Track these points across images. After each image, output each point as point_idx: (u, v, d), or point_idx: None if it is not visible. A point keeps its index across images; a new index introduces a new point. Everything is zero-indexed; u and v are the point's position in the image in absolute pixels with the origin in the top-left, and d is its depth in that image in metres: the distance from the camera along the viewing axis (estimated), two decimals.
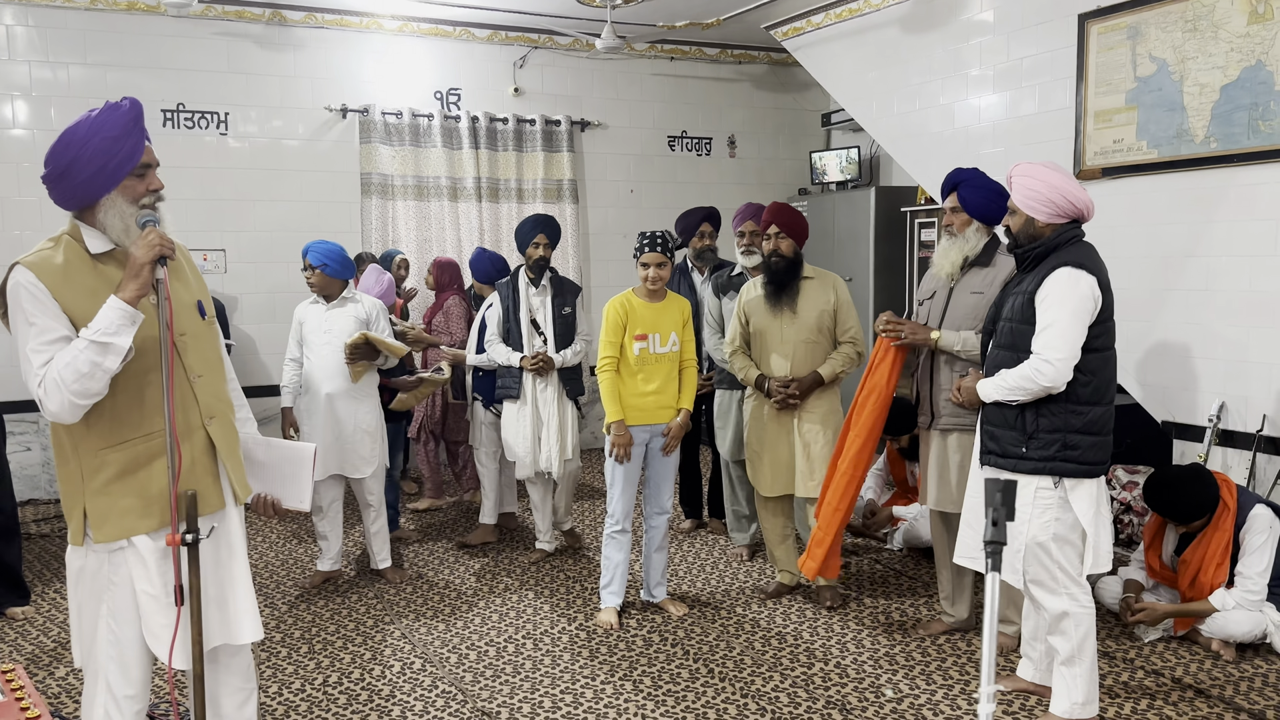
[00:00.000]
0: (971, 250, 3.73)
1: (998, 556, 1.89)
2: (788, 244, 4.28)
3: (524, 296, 4.93)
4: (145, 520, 2.26)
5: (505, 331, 4.97)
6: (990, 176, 3.79)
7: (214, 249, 6.61)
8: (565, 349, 4.92)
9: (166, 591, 2.28)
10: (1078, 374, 3.06)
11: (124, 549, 2.27)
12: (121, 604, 2.28)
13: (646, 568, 4.37)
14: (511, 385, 4.92)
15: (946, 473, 3.80)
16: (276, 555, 5.21)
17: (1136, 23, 4.80)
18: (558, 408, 4.90)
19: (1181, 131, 4.65)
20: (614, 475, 4.20)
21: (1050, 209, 3.13)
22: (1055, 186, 3.12)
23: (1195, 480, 3.83)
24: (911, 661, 3.78)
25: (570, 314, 4.97)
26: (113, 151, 2.18)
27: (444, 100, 7.29)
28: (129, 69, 6.38)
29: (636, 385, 4.13)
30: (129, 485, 2.25)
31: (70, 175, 2.19)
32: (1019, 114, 5.48)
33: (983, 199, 3.71)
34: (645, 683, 3.63)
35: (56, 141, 2.21)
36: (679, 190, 7.96)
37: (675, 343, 4.18)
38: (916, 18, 6.06)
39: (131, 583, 2.27)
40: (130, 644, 2.29)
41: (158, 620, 2.27)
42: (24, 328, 2.17)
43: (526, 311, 4.91)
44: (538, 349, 4.89)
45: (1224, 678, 3.61)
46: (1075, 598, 3.15)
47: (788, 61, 7.89)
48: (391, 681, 3.68)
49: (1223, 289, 4.59)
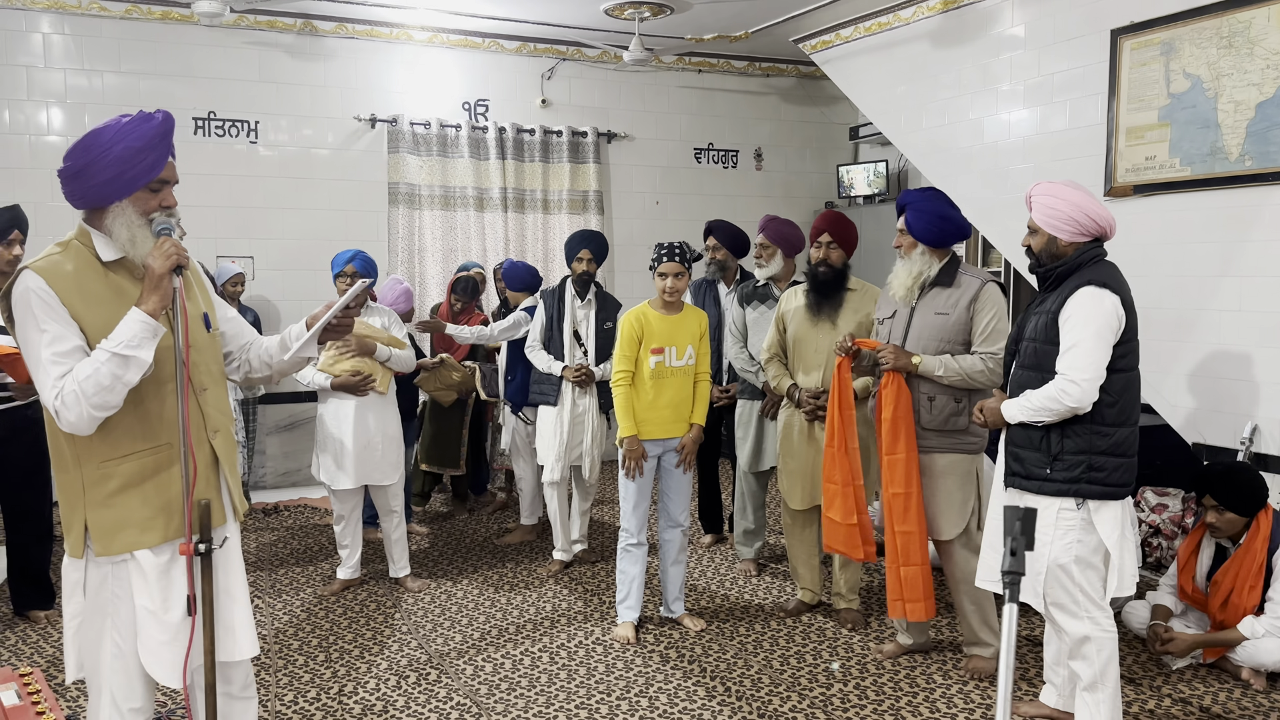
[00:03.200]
0: (922, 272, 3.70)
1: (1016, 587, 1.85)
2: (838, 254, 4.24)
3: (569, 308, 5.01)
4: (149, 534, 2.25)
5: (547, 339, 5.04)
6: (938, 201, 3.72)
7: (242, 256, 6.67)
8: (604, 362, 4.99)
9: (165, 607, 2.26)
10: (1103, 394, 3.01)
11: (126, 562, 2.26)
12: (126, 618, 2.26)
13: (664, 582, 4.34)
14: (550, 392, 5.00)
15: (928, 494, 3.74)
16: (297, 562, 5.23)
17: (1170, 39, 4.73)
18: (591, 418, 5.00)
19: (1215, 149, 4.57)
20: (627, 489, 4.18)
21: (1073, 228, 3.08)
22: (1078, 205, 3.07)
23: (1253, 471, 3.82)
24: (933, 685, 3.73)
25: (611, 328, 5.03)
26: (133, 161, 2.18)
27: (472, 111, 7.32)
28: (162, 77, 6.46)
29: (651, 398, 4.10)
30: (134, 498, 2.24)
31: (86, 176, 2.18)
32: (1049, 130, 5.42)
33: (925, 224, 3.68)
34: (661, 700, 3.59)
35: (81, 139, 2.20)
36: (705, 203, 7.95)
37: (691, 356, 4.15)
38: (946, 32, 6.02)
39: (133, 597, 2.26)
40: (135, 657, 2.27)
41: (156, 637, 2.25)
42: (34, 334, 2.14)
43: (570, 323, 5.00)
44: (579, 360, 4.95)
45: (1254, 707, 3.53)
46: (1097, 621, 3.09)
47: (816, 75, 7.87)
48: (407, 692, 3.67)
49: (1256, 309, 4.50)
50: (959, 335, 3.65)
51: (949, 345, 3.65)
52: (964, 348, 3.66)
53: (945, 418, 3.66)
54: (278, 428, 6.87)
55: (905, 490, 3.66)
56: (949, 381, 3.62)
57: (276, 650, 4.05)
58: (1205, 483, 3.85)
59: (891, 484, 3.68)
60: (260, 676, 3.78)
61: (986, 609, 3.80)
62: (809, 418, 4.25)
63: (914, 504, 3.66)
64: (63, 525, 2.31)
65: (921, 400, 3.67)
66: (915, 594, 3.70)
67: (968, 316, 3.64)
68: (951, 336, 3.65)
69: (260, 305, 6.67)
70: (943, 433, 3.68)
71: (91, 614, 2.28)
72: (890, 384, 3.67)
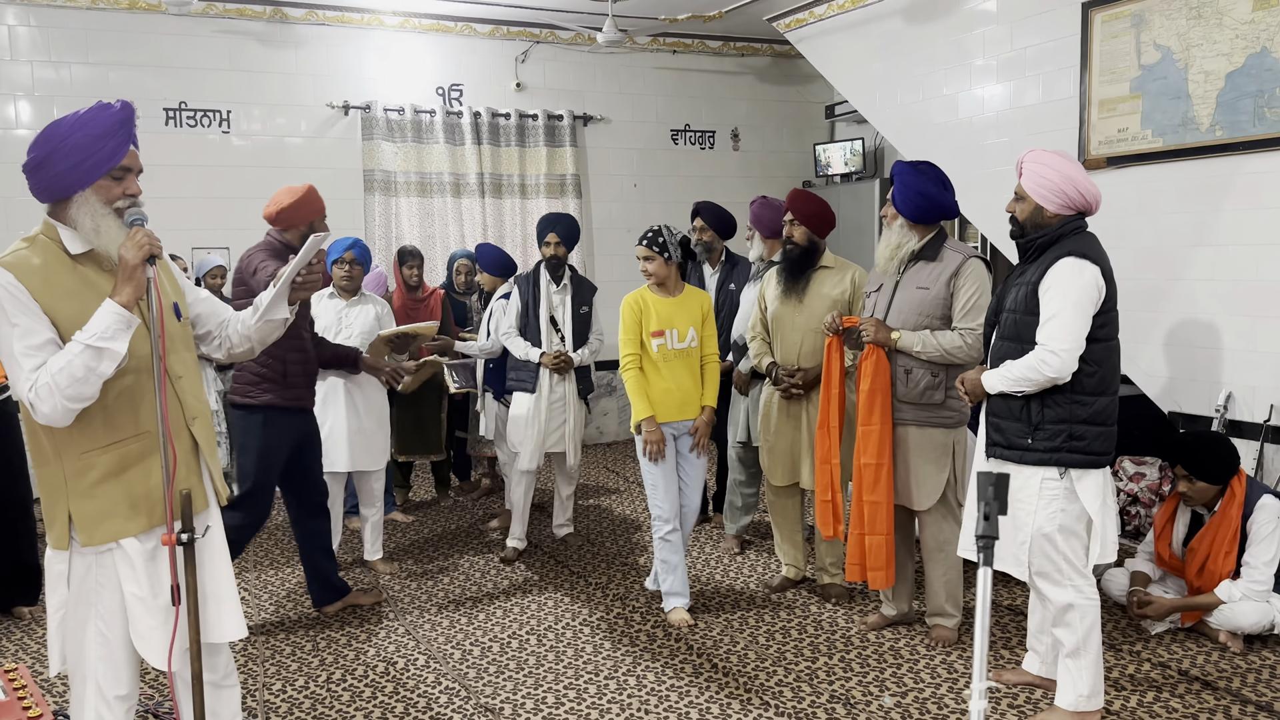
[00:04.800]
0: (901, 244, 3.73)
1: (990, 550, 1.87)
2: (800, 231, 4.23)
3: (544, 293, 4.93)
4: (133, 522, 2.26)
5: (523, 325, 4.98)
6: (922, 178, 3.70)
7: (218, 247, 6.62)
8: (582, 348, 4.97)
9: (154, 593, 2.27)
10: (1082, 364, 3.04)
11: (112, 551, 2.26)
12: (110, 606, 2.27)
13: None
14: (527, 378, 4.93)
15: (903, 466, 3.79)
16: (280, 550, 5.22)
17: (1140, 10, 4.76)
18: (570, 403, 4.96)
19: (1187, 120, 4.61)
20: (652, 475, 4.11)
21: (1061, 199, 3.10)
22: (1070, 178, 3.08)
23: (1222, 440, 3.87)
24: (916, 656, 3.77)
25: (587, 313, 5.02)
26: (93, 149, 2.18)
27: (446, 96, 7.28)
28: (131, 68, 6.39)
29: (658, 382, 4.08)
30: (116, 487, 2.24)
31: (47, 166, 2.18)
32: (1023, 104, 5.44)
33: (903, 198, 3.71)
34: (649, 678, 3.62)
35: (42, 131, 2.21)
36: (683, 184, 7.95)
37: (694, 338, 4.10)
38: (919, 8, 6.02)
39: (119, 585, 2.26)
40: (120, 645, 2.29)
41: (145, 622, 2.26)
42: (5, 329, 2.14)
43: (547, 309, 4.92)
44: (556, 346, 4.92)
45: (1231, 670, 3.59)
46: (1080, 589, 3.13)
47: (790, 54, 7.86)
48: (395, 678, 3.68)
49: (1229, 278, 4.56)
50: (939, 310, 3.67)
51: (929, 319, 3.68)
52: (944, 322, 3.68)
53: (922, 391, 3.69)
54: None
55: (877, 461, 3.71)
56: (927, 357, 3.65)
57: (263, 640, 4.05)
58: (1176, 453, 3.90)
59: (864, 454, 3.73)
60: (248, 667, 3.78)
61: (954, 582, 3.87)
62: (785, 395, 4.28)
63: (884, 475, 3.71)
64: (44, 519, 2.30)
65: (898, 373, 3.71)
66: (878, 562, 3.77)
67: (948, 292, 3.67)
68: (931, 311, 3.68)
69: None
70: (919, 405, 3.71)
71: (76, 604, 2.28)
72: (870, 357, 3.71)
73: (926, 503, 3.76)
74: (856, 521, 3.80)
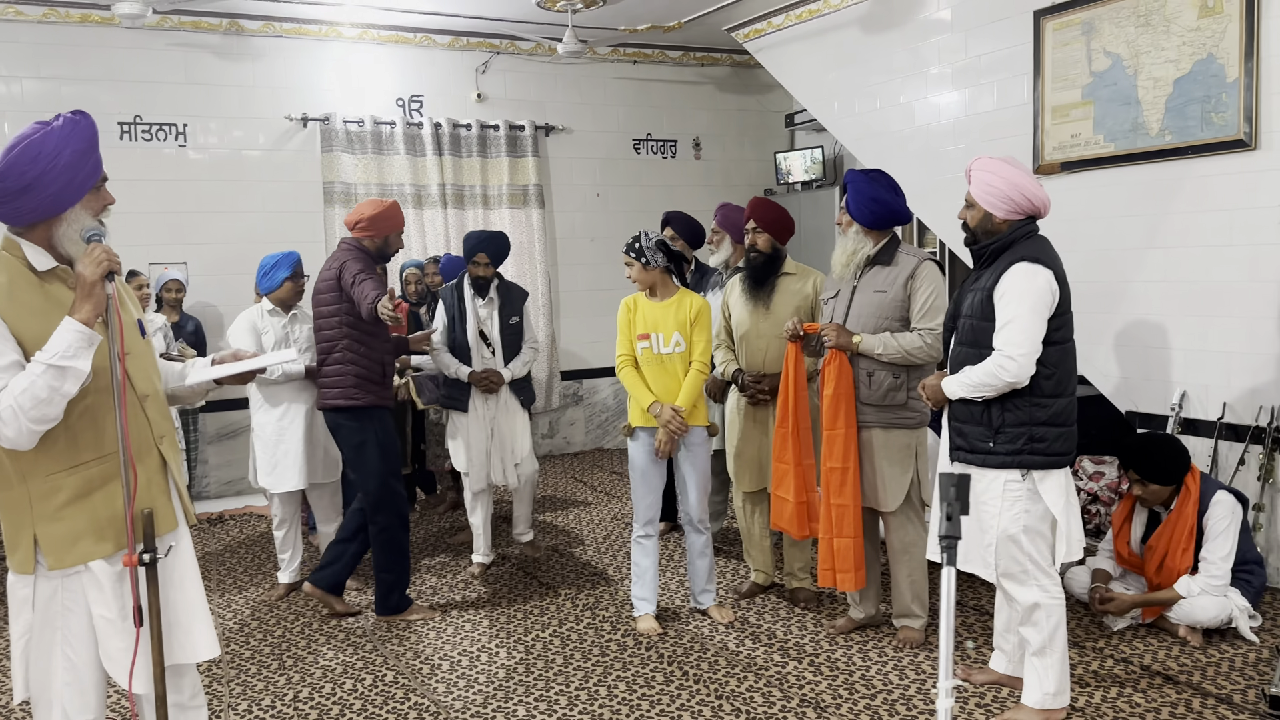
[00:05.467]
0: (857, 250, 3.79)
1: (953, 551, 1.89)
2: (763, 239, 4.26)
3: (470, 307, 4.81)
4: (101, 544, 2.22)
5: (451, 341, 4.83)
6: (875, 184, 3.78)
7: (175, 262, 6.54)
8: (514, 360, 4.86)
9: (123, 615, 2.24)
10: (1040, 367, 3.09)
11: (80, 574, 2.23)
12: (77, 629, 2.23)
13: (690, 575, 4.33)
14: (459, 397, 4.81)
15: (869, 468, 3.83)
16: (245, 570, 5.15)
17: (1090, 18, 4.86)
18: (507, 418, 4.86)
19: (1137, 125, 4.71)
20: (634, 480, 4.15)
21: (1009, 205, 3.16)
22: (1015, 184, 3.14)
23: (1171, 442, 3.93)
24: (885, 658, 3.80)
25: (518, 323, 4.89)
26: (81, 165, 2.16)
27: (406, 107, 7.25)
28: (84, 82, 6.30)
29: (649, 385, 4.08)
30: (83, 509, 2.21)
31: (37, 189, 2.12)
32: (978, 110, 5.53)
33: (859, 205, 3.78)
34: (620, 688, 3.62)
35: (17, 155, 2.12)
36: (646, 193, 7.97)
37: (680, 343, 4.06)
38: (875, 17, 6.10)
39: (88, 607, 2.23)
40: (87, 669, 2.25)
41: (115, 644, 2.23)
42: None
43: (474, 324, 4.79)
44: (486, 361, 4.82)
45: (1191, 663, 3.66)
46: (1046, 589, 3.18)
47: (750, 63, 7.92)
48: (363, 695, 3.64)
49: (1181, 279, 4.65)
50: (897, 312, 3.73)
51: (888, 322, 3.73)
52: (902, 324, 3.74)
53: (884, 393, 3.74)
54: (217, 436, 6.76)
55: (843, 465, 3.75)
56: (889, 359, 3.69)
57: (228, 660, 3.99)
58: (1126, 458, 3.96)
59: (830, 458, 3.77)
60: (212, 687, 3.73)
61: (919, 583, 3.92)
62: (751, 401, 4.31)
63: (850, 478, 3.75)
64: (6, 543, 2.25)
65: (861, 376, 3.75)
66: (846, 564, 3.80)
67: (905, 294, 3.72)
68: (890, 313, 3.73)
69: (197, 311, 6.54)
70: (881, 408, 3.76)
71: (41, 628, 2.24)
72: (833, 362, 3.75)
73: (892, 504, 3.80)
74: (825, 526, 3.83)
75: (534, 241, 7.60)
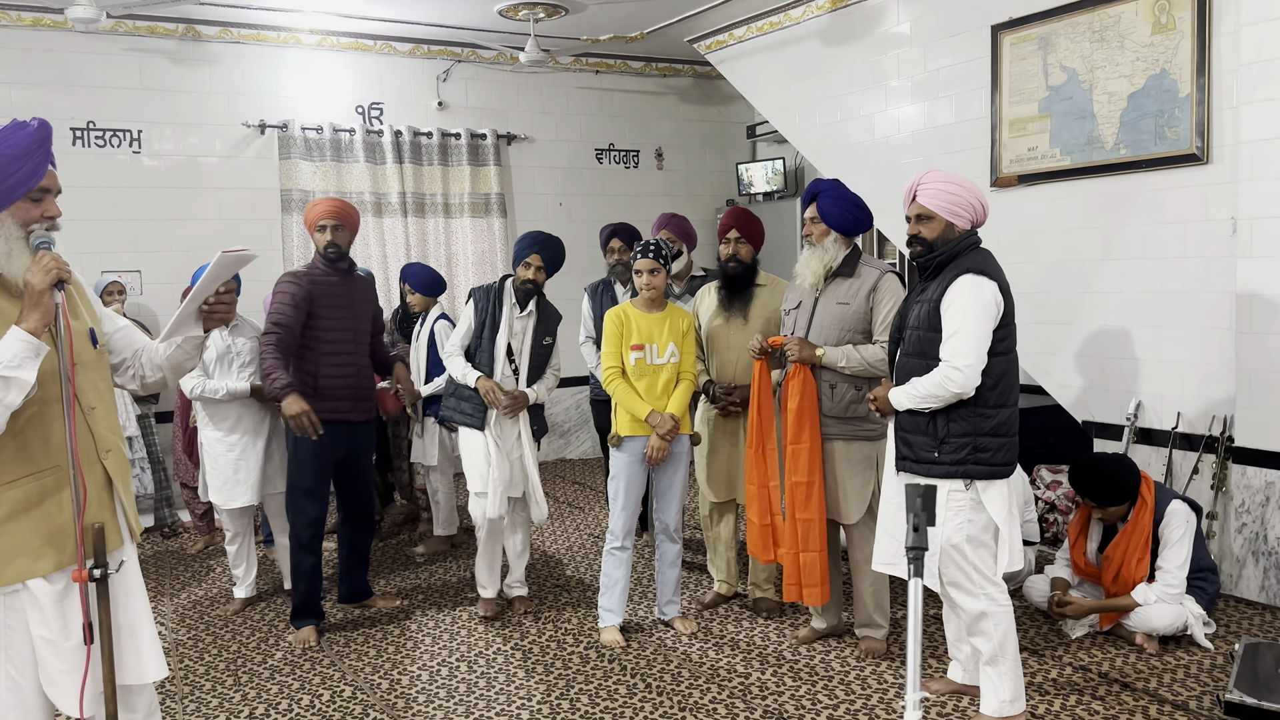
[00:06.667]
0: (831, 260, 3.79)
1: (920, 562, 1.90)
2: (746, 249, 4.25)
3: (506, 317, 4.29)
4: (41, 561, 2.15)
5: (474, 347, 4.31)
6: (848, 190, 3.83)
7: (129, 270, 6.41)
8: (538, 383, 4.37)
9: (65, 635, 2.17)
10: (984, 378, 3.11)
11: (18, 592, 2.16)
12: (20, 649, 2.17)
13: (658, 584, 4.29)
14: (473, 412, 4.27)
15: (831, 480, 3.84)
16: (200, 585, 5.05)
17: (1046, 34, 4.94)
18: (519, 447, 4.36)
19: (1092, 139, 4.78)
20: (616, 491, 4.08)
21: (970, 214, 3.20)
22: (974, 193, 3.19)
23: (1119, 464, 3.96)
24: (847, 668, 3.81)
25: (550, 344, 4.41)
26: (10, 170, 2.10)
27: (366, 115, 7.19)
28: (36, 86, 6.17)
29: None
30: (25, 524, 2.14)
31: None
32: (937, 124, 5.59)
33: (840, 210, 3.78)
34: (582, 700, 3.59)
35: None
36: (608, 203, 7.96)
37: (674, 353, 4.03)
38: (836, 30, 6.16)
39: (28, 628, 2.16)
40: (33, 690, 2.18)
41: (56, 666, 2.16)
42: None
43: (505, 336, 4.28)
44: (506, 377, 4.29)
45: (1148, 670, 3.70)
46: (992, 597, 3.20)
47: (712, 75, 7.95)
48: (321, 711, 3.58)
49: (1135, 290, 4.73)
50: (859, 324, 3.74)
51: (850, 334, 3.74)
52: (864, 336, 3.75)
53: (846, 405, 3.75)
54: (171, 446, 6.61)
55: (808, 479, 3.74)
56: (852, 371, 3.70)
57: (182, 676, 3.90)
58: (1077, 486, 3.99)
59: (795, 472, 3.76)
60: (166, 705, 3.64)
61: (881, 593, 3.93)
62: (722, 413, 4.30)
63: (815, 492, 3.75)
64: None
65: (823, 388, 3.75)
66: (813, 579, 3.80)
67: (867, 306, 3.73)
68: (852, 325, 3.74)
69: (150, 320, 6.42)
70: (844, 420, 3.77)
71: None
72: (796, 375, 3.74)
73: (854, 516, 3.81)
74: (790, 540, 3.82)
75: (495, 251, 7.56)
